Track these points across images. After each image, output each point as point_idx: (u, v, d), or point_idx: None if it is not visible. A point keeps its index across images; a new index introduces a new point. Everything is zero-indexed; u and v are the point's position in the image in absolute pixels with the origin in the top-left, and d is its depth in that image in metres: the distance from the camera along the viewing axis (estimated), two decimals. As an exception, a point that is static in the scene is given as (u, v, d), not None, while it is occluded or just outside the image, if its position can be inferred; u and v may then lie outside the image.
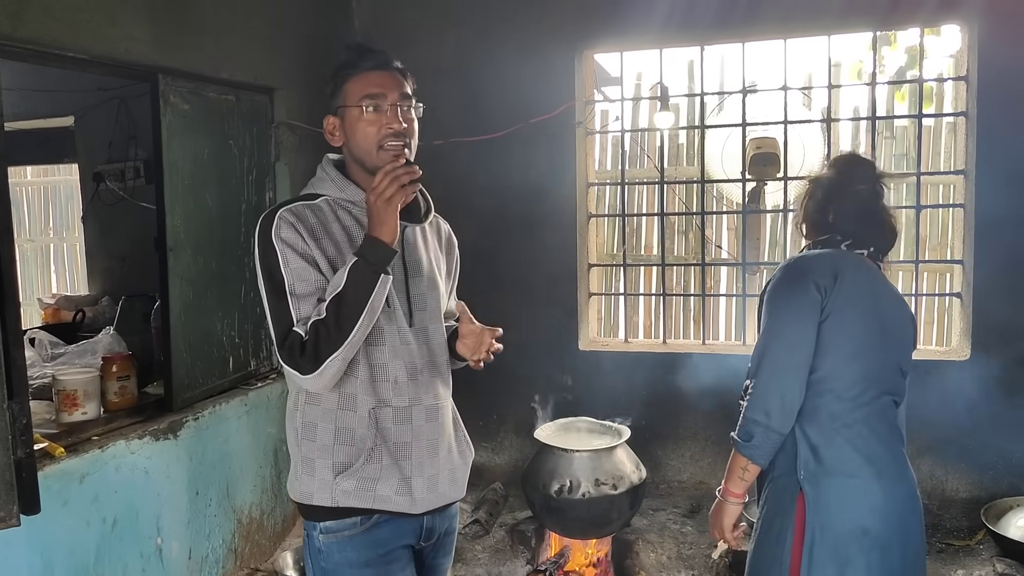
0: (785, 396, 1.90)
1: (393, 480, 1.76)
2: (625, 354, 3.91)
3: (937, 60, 4.48)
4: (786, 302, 1.96)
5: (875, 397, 1.95)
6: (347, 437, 1.75)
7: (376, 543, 1.78)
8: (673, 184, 4.61)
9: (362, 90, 1.77)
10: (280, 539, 3.42)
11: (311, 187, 1.84)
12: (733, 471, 2.00)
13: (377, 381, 1.76)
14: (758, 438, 1.92)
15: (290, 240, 1.70)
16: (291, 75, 3.49)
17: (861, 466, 1.91)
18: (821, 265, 1.96)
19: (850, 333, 1.93)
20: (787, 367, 1.91)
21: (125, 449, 2.65)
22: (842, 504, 1.90)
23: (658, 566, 3.24)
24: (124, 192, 4.19)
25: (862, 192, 2.06)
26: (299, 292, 1.68)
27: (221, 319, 3.18)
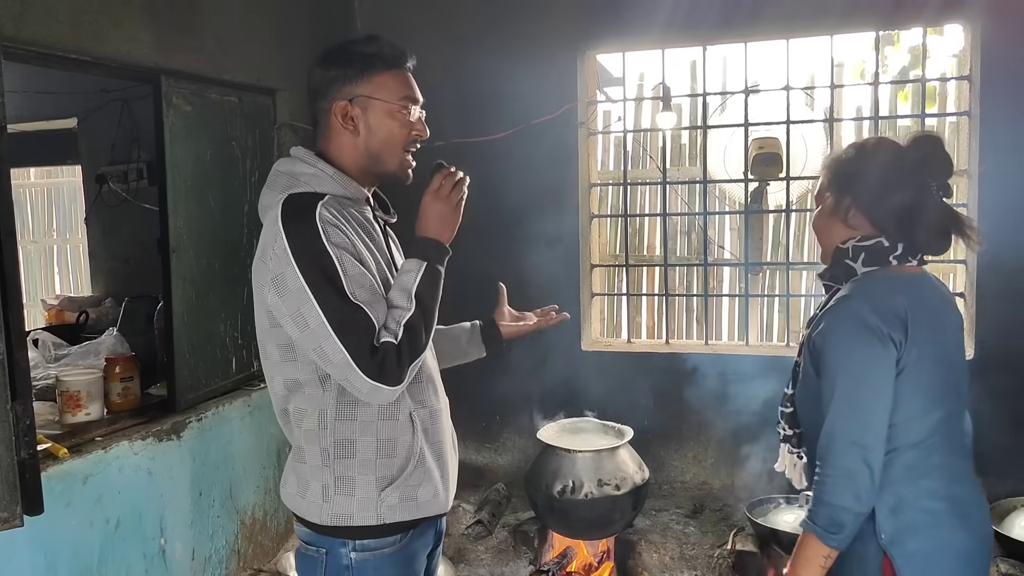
0: (875, 475, 1.64)
1: (431, 483, 1.72)
2: (628, 354, 3.91)
3: (941, 60, 4.47)
4: (859, 367, 1.67)
5: (948, 429, 1.74)
6: (390, 448, 1.66)
7: (411, 558, 1.74)
8: (675, 184, 4.61)
9: (402, 89, 1.70)
10: (283, 540, 3.42)
11: (304, 184, 1.66)
12: (812, 561, 1.68)
13: (414, 384, 1.68)
14: (850, 526, 1.65)
15: (343, 243, 1.57)
16: (293, 76, 3.49)
17: (946, 513, 1.72)
18: (890, 311, 1.68)
19: (924, 384, 1.70)
20: (871, 443, 1.65)
21: (128, 450, 2.65)
22: (933, 556, 1.70)
23: (661, 566, 3.24)
24: (127, 194, 4.20)
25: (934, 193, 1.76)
26: (364, 299, 1.56)
27: (224, 320, 3.18)
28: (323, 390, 1.64)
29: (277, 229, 1.56)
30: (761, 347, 3.90)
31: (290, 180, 1.67)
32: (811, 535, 1.67)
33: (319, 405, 1.65)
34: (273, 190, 1.68)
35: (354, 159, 1.71)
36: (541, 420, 3.54)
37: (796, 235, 4.96)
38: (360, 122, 1.68)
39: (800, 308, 4.95)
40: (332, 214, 1.59)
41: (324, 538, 1.68)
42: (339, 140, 1.71)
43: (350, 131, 1.69)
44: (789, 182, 3.75)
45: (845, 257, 1.78)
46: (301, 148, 1.73)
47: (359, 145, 1.70)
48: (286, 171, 1.69)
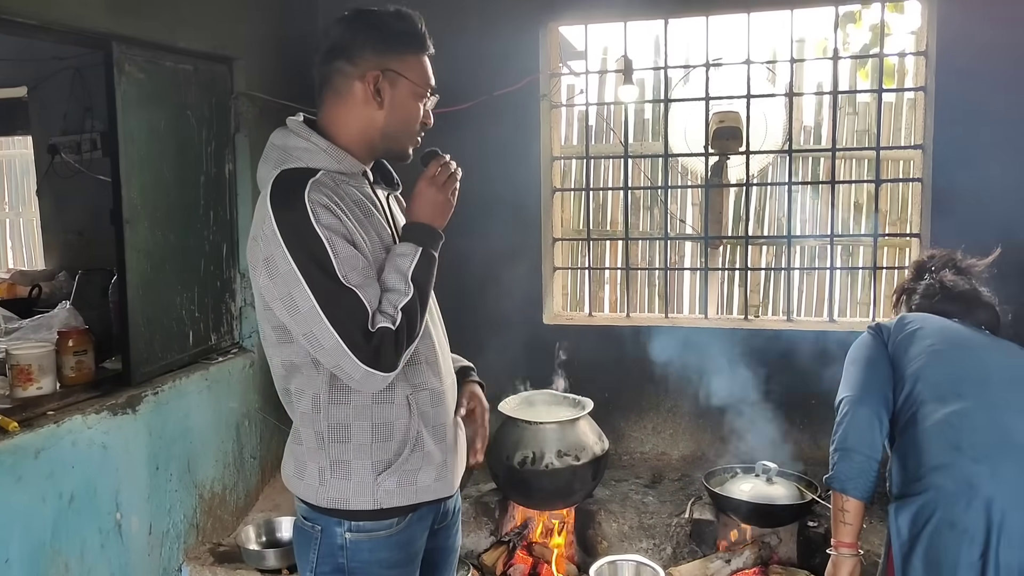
0: (857, 417, 1.93)
1: (433, 467, 1.68)
2: (589, 328, 3.93)
3: (900, 37, 4.52)
4: (851, 353, 2.11)
5: (983, 392, 1.91)
6: (386, 432, 1.63)
7: (406, 542, 1.70)
8: (638, 159, 4.62)
9: (427, 75, 1.68)
10: (243, 514, 3.41)
11: (296, 159, 1.60)
12: (834, 516, 1.95)
13: (410, 365, 1.63)
14: (840, 464, 1.91)
15: (333, 225, 1.51)
16: (251, 45, 3.43)
17: (946, 453, 1.82)
18: (883, 320, 2.19)
19: (926, 351, 1.97)
20: (856, 395, 1.96)
21: (82, 424, 2.61)
22: (928, 497, 1.81)
23: (620, 535, 3.29)
24: (80, 165, 4.11)
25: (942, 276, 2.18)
26: (356, 282, 1.51)
27: (180, 293, 3.14)
28: (317, 372, 1.60)
29: (266, 210, 1.52)
30: (720, 320, 3.94)
31: (282, 154, 1.61)
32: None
33: (314, 388, 1.62)
34: (267, 164, 1.63)
35: (365, 131, 1.65)
36: (503, 393, 3.55)
37: (756, 209, 5.01)
38: (386, 96, 1.63)
39: (759, 282, 5.01)
40: (324, 193, 1.54)
41: (320, 516, 1.66)
42: (353, 109, 1.64)
43: (376, 104, 1.63)
44: (749, 156, 3.78)
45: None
46: (296, 119, 1.67)
47: (376, 119, 1.65)
48: (280, 144, 1.63)
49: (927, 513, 1.80)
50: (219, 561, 3.04)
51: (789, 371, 3.52)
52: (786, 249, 3.90)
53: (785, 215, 4.06)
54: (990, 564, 1.72)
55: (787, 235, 3.85)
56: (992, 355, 2.01)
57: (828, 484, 1.96)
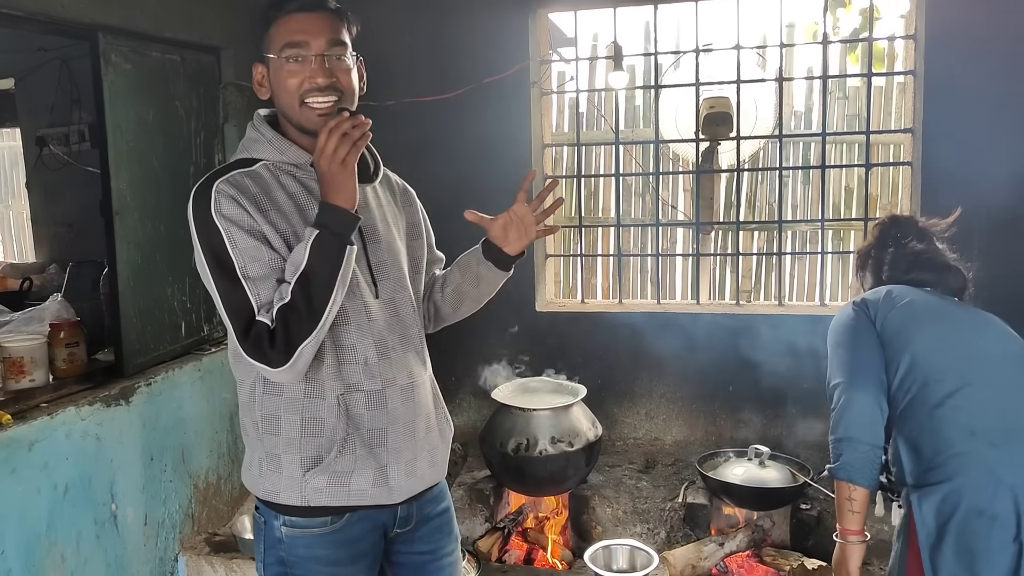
0: (856, 404, 1.89)
1: (369, 471, 1.60)
2: (582, 314, 3.94)
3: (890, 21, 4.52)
4: (837, 331, 2.06)
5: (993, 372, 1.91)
6: (315, 428, 1.58)
7: (346, 541, 1.64)
8: (629, 145, 4.62)
9: (284, 36, 1.58)
10: (238, 504, 3.41)
11: (244, 150, 1.63)
12: (840, 506, 1.91)
13: (344, 364, 1.59)
14: (846, 455, 1.87)
15: (234, 216, 1.50)
16: (238, 34, 3.40)
17: (964, 441, 1.81)
18: (867, 295, 2.09)
19: (916, 329, 1.95)
20: (851, 380, 1.92)
21: (75, 416, 2.61)
22: (952, 485, 1.79)
23: (614, 520, 3.31)
24: (69, 156, 4.10)
25: (909, 243, 2.15)
26: (253, 275, 1.49)
27: (172, 284, 3.13)
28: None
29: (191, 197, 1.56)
30: (712, 305, 3.96)
31: (241, 146, 1.66)
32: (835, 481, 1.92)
33: (251, 377, 1.62)
34: (235, 156, 1.67)
35: (284, 121, 1.65)
36: (496, 380, 3.56)
37: (747, 195, 5.01)
38: (267, 82, 1.62)
39: (751, 267, 5.03)
40: (236, 183, 1.53)
41: (264, 507, 1.67)
42: (269, 104, 1.67)
43: (265, 92, 1.64)
44: (740, 142, 3.78)
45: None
46: (260, 113, 1.69)
47: (276, 105, 1.64)
48: (245, 136, 1.67)
49: (953, 502, 1.78)
50: (215, 551, 3.05)
51: (781, 355, 3.54)
52: (777, 234, 3.91)
53: (776, 200, 4.07)
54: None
55: (778, 220, 3.86)
56: (980, 330, 2.00)
57: (834, 474, 1.91)
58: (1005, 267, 3.19)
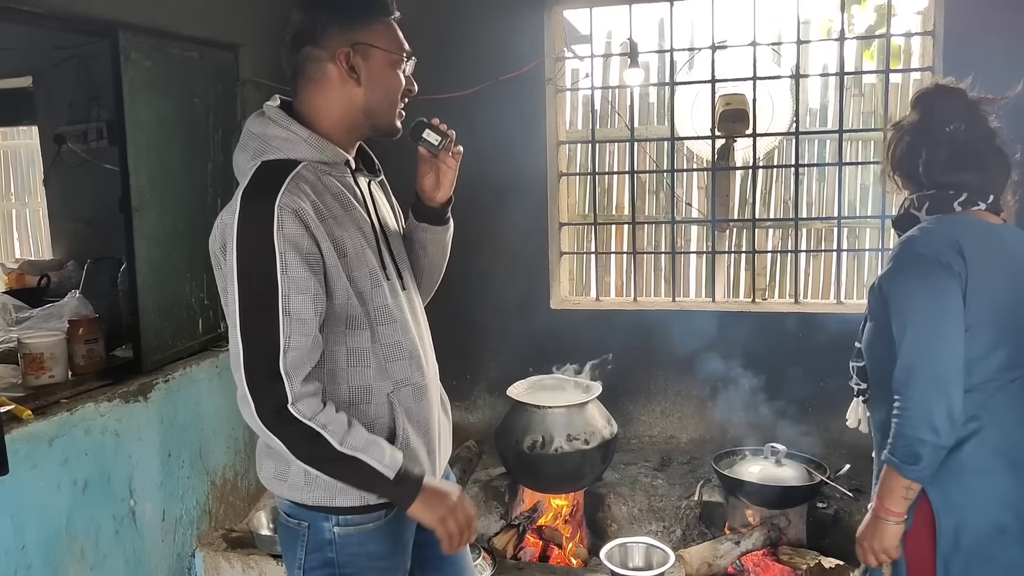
0: (952, 407, 1.66)
1: (419, 462, 1.64)
2: (596, 312, 3.94)
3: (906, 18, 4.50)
4: (927, 299, 1.70)
5: (1016, 377, 1.75)
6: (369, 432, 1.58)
7: (395, 533, 1.66)
8: (644, 142, 4.61)
9: (400, 41, 1.60)
10: (255, 500, 3.43)
11: (275, 149, 1.53)
12: (894, 492, 1.74)
13: (391, 361, 1.59)
14: (927, 458, 1.68)
15: (295, 239, 1.43)
16: (256, 32, 3.42)
17: (990, 460, 1.73)
18: (945, 245, 1.72)
19: (987, 323, 1.71)
20: (948, 375, 1.67)
21: (94, 411, 2.63)
22: (973, 504, 1.73)
23: (629, 518, 3.30)
24: (87, 154, 4.12)
25: (954, 133, 1.82)
26: (294, 310, 1.43)
27: (190, 280, 3.14)
28: None
29: (237, 202, 1.46)
30: (727, 303, 3.95)
31: (261, 144, 1.54)
32: (891, 467, 1.72)
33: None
34: (245, 153, 1.56)
35: (346, 113, 1.58)
36: (511, 377, 3.56)
37: (762, 192, 4.99)
38: (362, 71, 1.55)
39: (766, 265, 5.01)
40: (301, 194, 1.46)
41: (306, 512, 1.61)
42: (330, 92, 1.56)
43: (353, 81, 1.55)
44: (756, 139, 3.77)
45: (911, 207, 1.86)
46: (273, 106, 1.59)
47: (356, 98, 1.57)
48: (258, 133, 1.56)
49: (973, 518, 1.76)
50: (232, 547, 3.06)
51: (797, 353, 3.53)
52: (793, 232, 3.90)
53: (792, 197, 4.05)
54: None
55: (794, 218, 3.84)
56: None
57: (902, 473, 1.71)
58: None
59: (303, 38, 1.56)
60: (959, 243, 1.72)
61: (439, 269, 1.87)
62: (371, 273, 1.57)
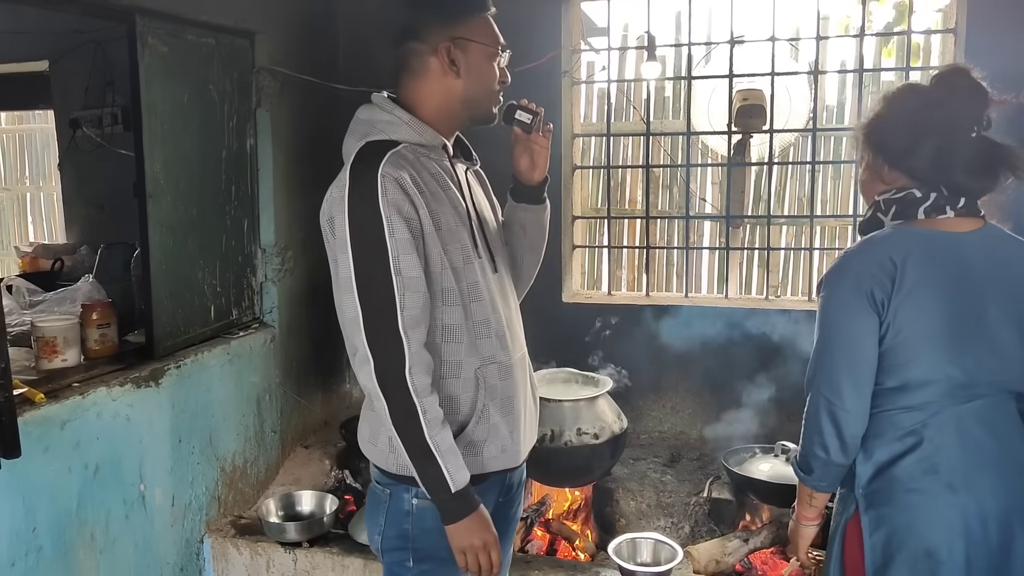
0: (844, 430, 1.65)
1: (500, 438, 1.71)
2: (608, 306, 3.92)
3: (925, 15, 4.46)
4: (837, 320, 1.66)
5: (962, 400, 1.65)
6: (453, 406, 1.67)
7: None
8: (659, 136, 4.59)
9: (496, 35, 1.72)
10: (264, 487, 3.44)
11: (379, 131, 1.66)
12: (801, 496, 1.85)
13: (480, 339, 1.68)
14: (819, 471, 1.73)
15: (398, 202, 1.56)
16: (272, 20, 3.41)
17: (923, 479, 1.64)
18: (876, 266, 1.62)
19: (926, 346, 1.61)
20: (844, 398, 1.64)
21: (106, 396, 2.63)
22: (902, 522, 1.66)
23: (638, 513, 3.30)
24: (101, 139, 4.12)
25: (970, 130, 1.65)
26: (404, 270, 1.56)
27: (203, 267, 3.15)
28: None
29: (345, 176, 1.60)
30: (740, 300, 3.93)
31: (367, 127, 1.68)
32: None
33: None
34: (352, 138, 1.70)
35: (446, 103, 1.70)
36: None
37: (777, 189, 4.97)
38: (461, 64, 1.67)
39: (779, 262, 4.98)
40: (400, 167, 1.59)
41: (391, 481, 1.72)
42: (431, 83, 1.69)
43: (453, 74, 1.67)
44: (772, 135, 3.74)
45: (877, 210, 1.75)
46: (380, 95, 1.73)
47: (455, 88, 1.69)
48: (365, 119, 1.70)
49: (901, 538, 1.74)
50: (240, 533, 3.07)
51: (809, 351, 3.50)
52: (807, 229, 3.87)
53: (807, 195, 4.02)
54: None
55: (809, 215, 3.81)
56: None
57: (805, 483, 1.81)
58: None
59: (407, 33, 1.69)
60: (895, 264, 1.61)
61: (538, 250, 1.97)
62: (463, 249, 1.67)
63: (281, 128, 3.47)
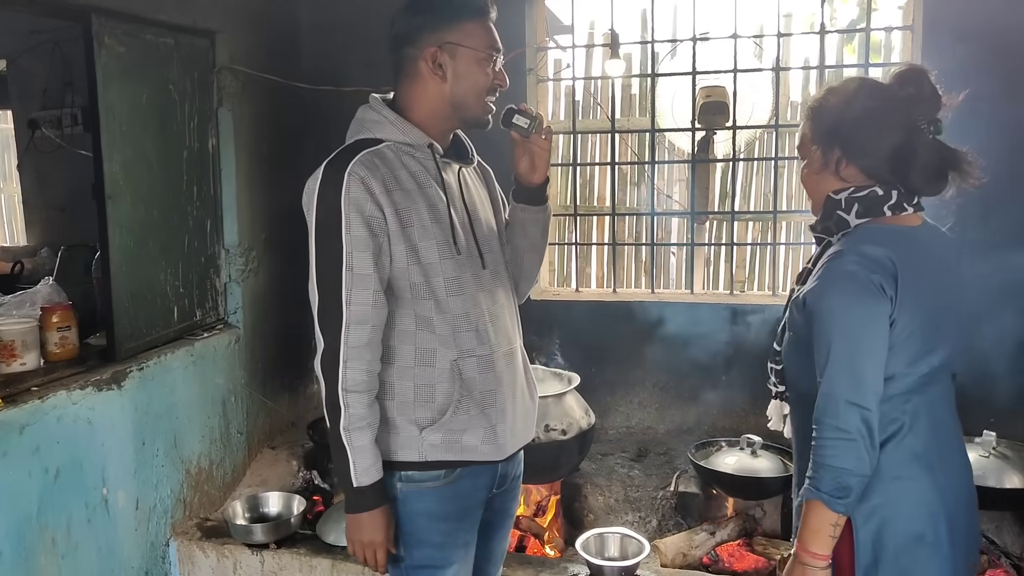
0: (873, 433, 1.57)
1: (480, 430, 1.74)
2: (576, 303, 3.93)
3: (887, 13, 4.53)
4: (855, 324, 1.59)
5: (930, 385, 1.66)
6: (428, 394, 1.72)
7: (456, 496, 1.78)
8: (624, 134, 4.61)
9: (489, 38, 1.73)
10: (230, 489, 3.41)
11: (366, 130, 1.73)
12: (821, 532, 1.58)
13: (459, 332, 1.72)
14: (856, 489, 1.57)
15: (358, 200, 1.62)
16: (233, 19, 3.38)
17: (908, 464, 1.64)
18: (878, 265, 1.59)
19: (914, 338, 1.61)
20: (870, 402, 1.56)
21: (67, 400, 2.60)
22: (892, 511, 1.63)
23: (606, 509, 3.31)
24: (61, 140, 4.06)
25: (927, 129, 1.65)
26: (356, 266, 1.62)
27: (165, 269, 3.11)
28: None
29: (319, 170, 1.67)
30: (706, 295, 3.96)
31: (359, 126, 1.75)
32: (817, 503, 1.58)
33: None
34: (349, 135, 1.77)
35: (437, 106, 1.74)
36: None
37: (743, 185, 5.01)
38: (448, 69, 1.71)
39: (745, 257, 5.03)
40: (370, 165, 1.64)
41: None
42: (422, 87, 1.73)
43: (439, 77, 1.71)
44: (736, 131, 3.77)
45: (838, 208, 1.69)
46: (376, 96, 1.78)
47: (443, 92, 1.73)
48: (359, 118, 1.77)
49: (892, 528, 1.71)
50: (207, 536, 3.05)
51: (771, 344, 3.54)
52: (772, 224, 3.91)
53: (771, 190, 4.06)
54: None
55: (773, 210, 3.85)
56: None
57: (837, 509, 1.58)
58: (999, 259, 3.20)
59: (401, 40, 1.75)
60: (892, 261, 1.60)
61: (539, 250, 1.99)
62: (438, 246, 1.70)
63: (243, 128, 3.45)
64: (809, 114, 1.76)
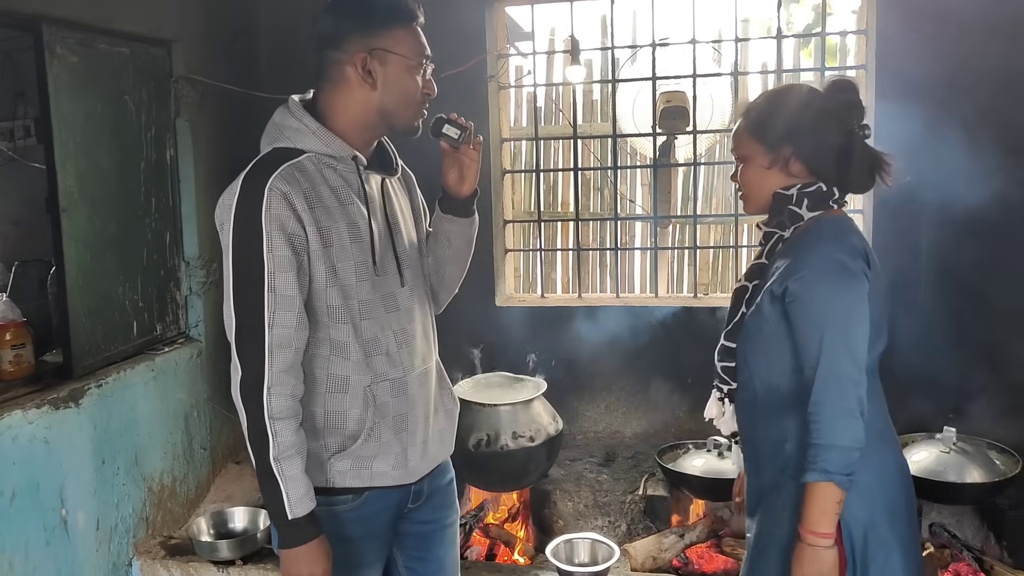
0: (865, 408, 1.64)
1: (390, 456, 1.69)
2: (542, 309, 3.93)
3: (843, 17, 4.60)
4: (849, 306, 1.66)
5: (874, 369, 1.77)
6: (339, 420, 1.66)
7: (361, 520, 1.72)
8: (587, 139, 4.63)
9: (419, 46, 1.66)
10: (194, 505, 3.35)
11: (285, 139, 1.63)
12: (829, 511, 1.63)
13: (371, 357, 1.66)
14: (856, 464, 1.63)
15: (281, 218, 1.53)
16: (190, 27, 3.34)
17: (874, 441, 1.69)
18: (857, 252, 1.70)
19: (872, 324, 1.69)
20: (863, 378, 1.64)
21: (22, 419, 2.54)
22: (873, 487, 1.71)
23: (575, 514, 3.31)
24: (13, 152, 3.96)
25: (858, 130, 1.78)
26: (279, 287, 1.53)
27: (123, 282, 3.06)
28: None
29: (238, 181, 1.58)
30: (670, 298, 3.98)
31: (277, 132, 1.66)
32: (826, 485, 1.61)
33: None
34: (265, 140, 1.68)
35: (363, 114, 1.66)
36: (456, 376, 3.54)
37: (704, 188, 5.05)
38: (378, 76, 1.63)
39: (708, 260, 5.08)
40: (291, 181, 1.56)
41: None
42: (348, 93, 1.64)
43: (368, 85, 1.63)
44: (696, 136, 3.80)
45: (788, 203, 1.77)
46: (295, 99, 1.69)
47: (371, 100, 1.64)
48: (277, 122, 1.67)
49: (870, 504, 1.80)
50: (171, 554, 2.99)
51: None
52: (734, 227, 3.95)
53: (733, 194, 4.10)
54: None
55: (735, 213, 3.89)
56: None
57: (844, 486, 1.62)
58: (949, 263, 3.26)
59: (326, 41, 1.65)
60: (864, 249, 1.72)
61: (463, 262, 1.94)
62: (356, 267, 1.63)
63: (202, 137, 3.40)
64: (748, 115, 1.84)
